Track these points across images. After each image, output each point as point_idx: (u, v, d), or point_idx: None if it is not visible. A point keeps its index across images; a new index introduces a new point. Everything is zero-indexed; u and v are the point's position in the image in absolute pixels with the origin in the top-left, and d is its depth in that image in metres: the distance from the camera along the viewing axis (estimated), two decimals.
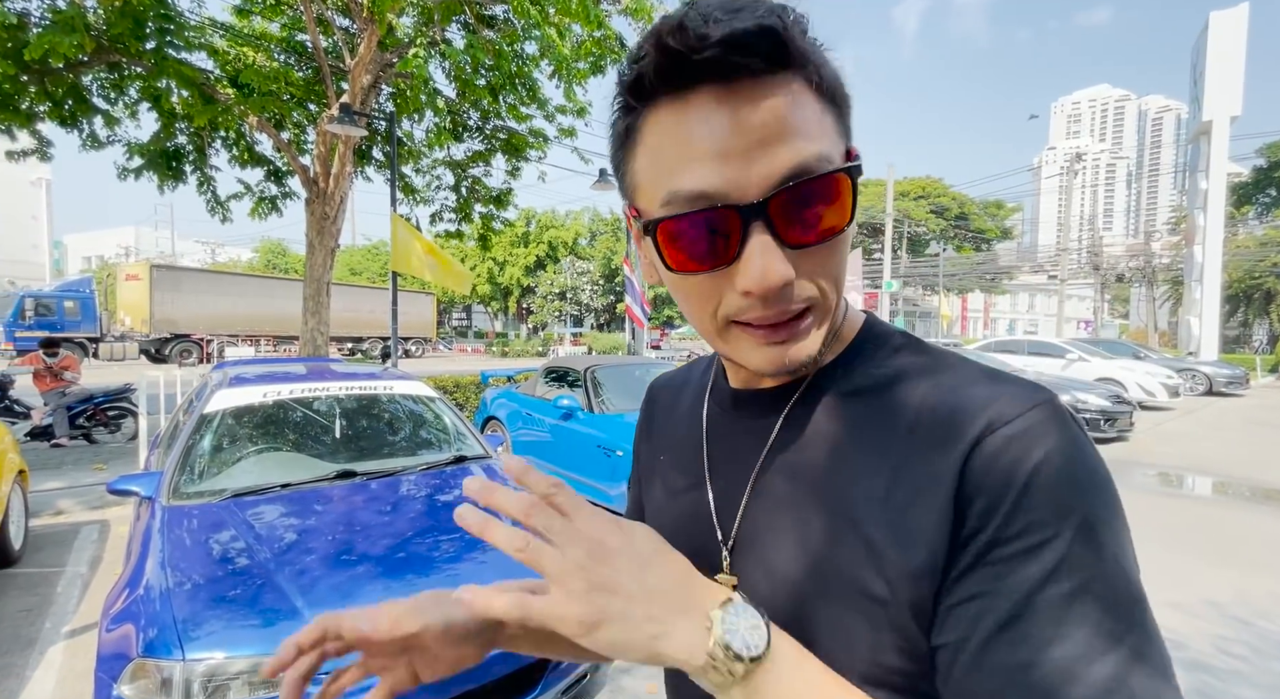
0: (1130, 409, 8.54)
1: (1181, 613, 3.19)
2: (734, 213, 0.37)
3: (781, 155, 0.37)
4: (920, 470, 0.39)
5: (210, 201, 9.99)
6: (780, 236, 0.38)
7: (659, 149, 0.39)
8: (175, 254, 54.45)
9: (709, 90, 0.36)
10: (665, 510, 0.55)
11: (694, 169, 0.37)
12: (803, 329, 0.41)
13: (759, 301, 0.39)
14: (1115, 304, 63.42)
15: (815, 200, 0.38)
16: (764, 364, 0.42)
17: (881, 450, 0.41)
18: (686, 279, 0.41)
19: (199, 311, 21.10)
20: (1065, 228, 30.77)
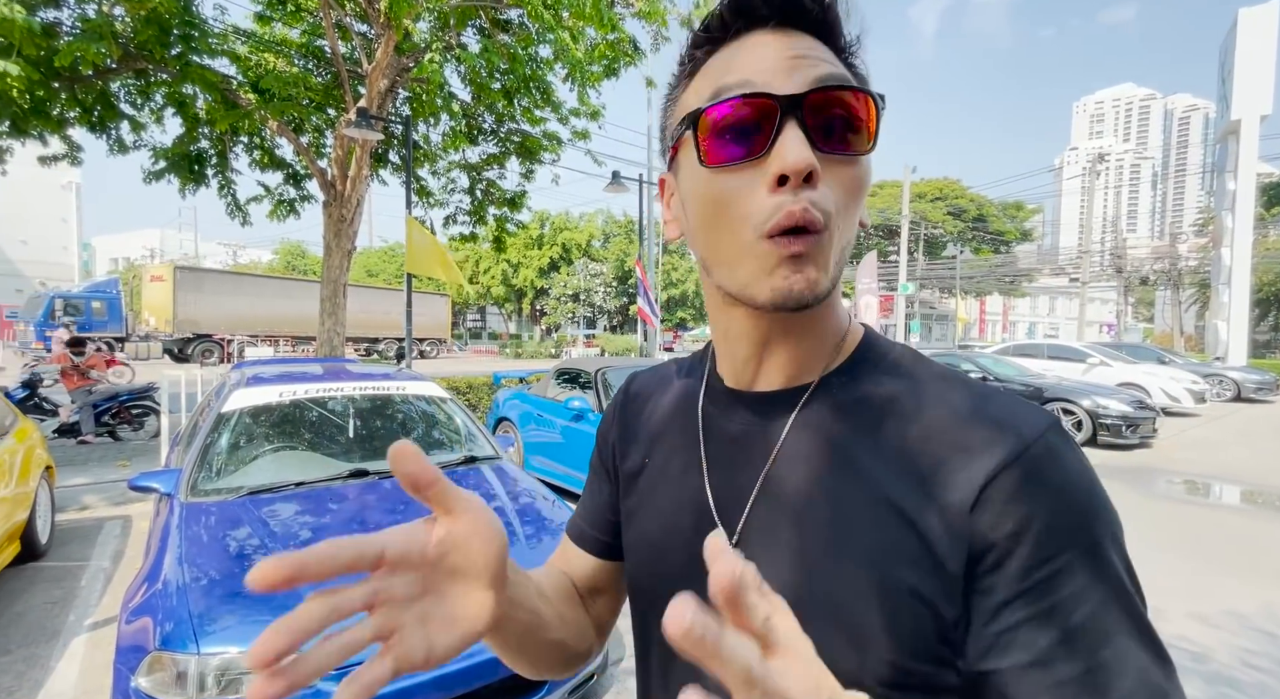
0: (1154, 415, 8.35)
1: (1204, 625, 3.11)
2: (772, 101, 0.40)
3: (820, 68, 0.41)
4: (943, 483, 0.40)
5: (230, 204, 10.20)
6: (811, 136, 0.40)
7: (713, 69, 0.44)
8: (198, 256, 55.65)
9: (766, 30, 0.43)
10: (660, 506, 0.54)
11: (742, 72, 0.42)
12: (816, 249, 0.41)
13: (790, 193, 0.39)
14: (1140, 307, 62.12)
15: (843, 110, 0.41)
16: (776, 288, 0.41)
17: (900, 459, 0.42)
18: (719, 180, 0.42)
19: (220, 312, 21.52)
20: (1087, 229, 30.18)
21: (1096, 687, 0.35)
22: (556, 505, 2.71)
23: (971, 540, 0.38)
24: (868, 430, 0.44)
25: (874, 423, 0.45)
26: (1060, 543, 0.37)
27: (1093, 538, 0.38)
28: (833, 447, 0.45)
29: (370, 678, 0.31)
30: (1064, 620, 0.36)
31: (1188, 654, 2.81)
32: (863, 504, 0.42)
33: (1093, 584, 0.37)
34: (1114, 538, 0.39)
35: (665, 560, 0.52)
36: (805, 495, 0.45)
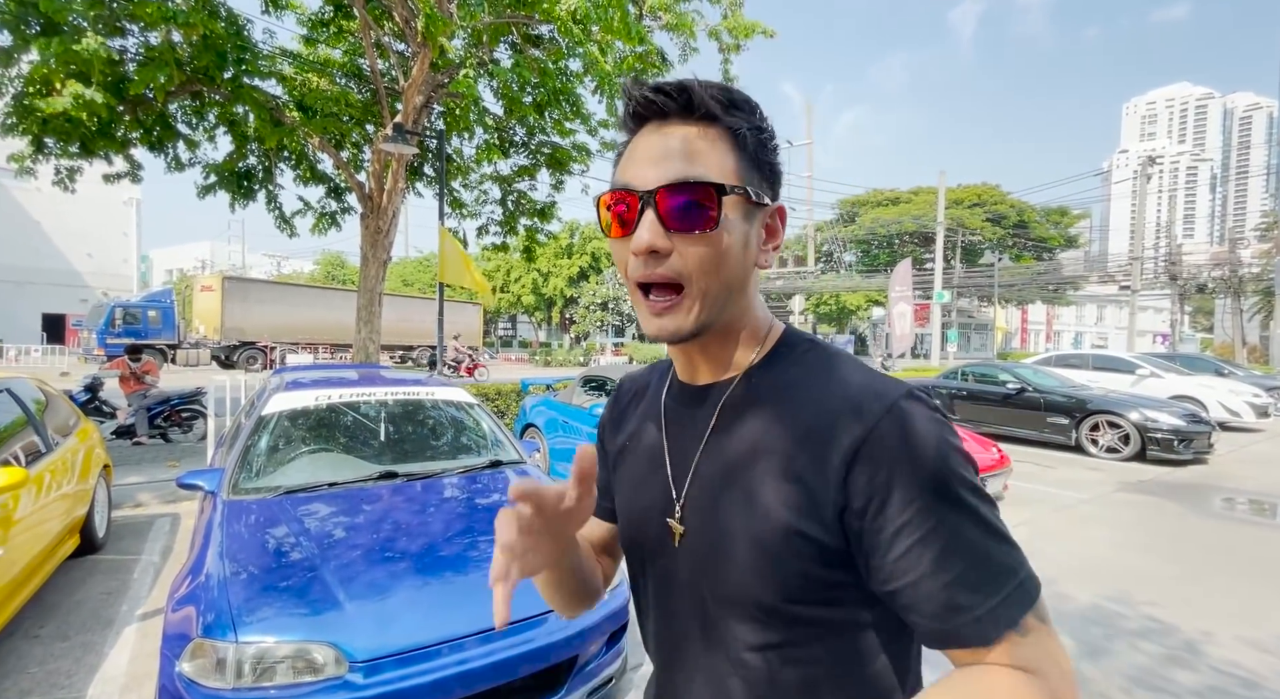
0: (1209, 429, 7.93)
1: (1257, 650, 2.94)
2: (634, 195, 0.55)
3: (675, 168, 0.54)
4: (820, 445, 0.54)
5: (277, 218, 10.68)
6: (662, 220, 0.54)
7: (623, 157, 0.60)
8: (245, 266, 58.13)
9: (651, 126, 0.58)
10: (637, 484, 0.69)
11: (629, 169, 0.57)
12: (676, 305, 0.57)
13: (641, 261, 0.55)
14: (1198, 317, 59.00)
15: (688, 200, 0.54)
16: (649, 329, 0.58)
17: (794, 431, 0.56)
18: (615, 245, 0.59)
19: (264, 320, 22.43)
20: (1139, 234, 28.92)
21: (972, 579, 0.50)
22: None
23: (849, 493, 0.52)
24: (773, 409, 0.59)
25: (777, 403, 0.59)
26: (920, 487, 0.51)
27: (944, 479, 0.51)
28: (747, 424, 0.60)
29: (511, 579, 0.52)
30: (938, 542, 0.50)
31: (1237, 680, 2.67)
32: (767, 467, 0.57)
33: (952, 512, 0.51)
34: (960, 476, 0.52)
35: (643, 525, 0.67)
36: (729, 461, 0.60)
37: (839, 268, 47.59)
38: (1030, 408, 8.86)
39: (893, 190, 45.48)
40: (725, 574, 0.58)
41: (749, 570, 0.56)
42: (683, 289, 0.56)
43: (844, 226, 44.92)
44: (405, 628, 1.78)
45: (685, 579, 0.63)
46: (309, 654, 1.69)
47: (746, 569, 0.56)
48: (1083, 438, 8.26)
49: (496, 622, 0.50)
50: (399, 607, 1.84)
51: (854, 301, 41.96)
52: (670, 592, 0.65)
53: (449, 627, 1.84)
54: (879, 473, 0.51)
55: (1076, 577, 3.84)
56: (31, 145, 7.41)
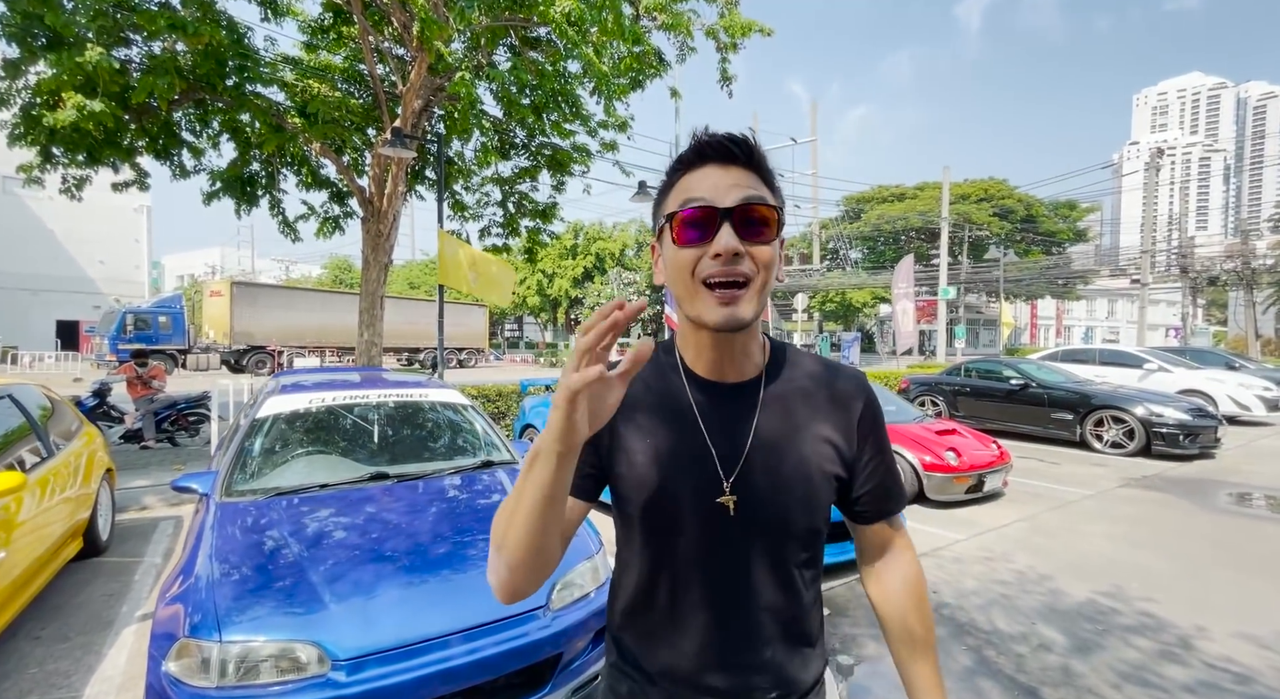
0: (1215, 423, 7.83)
1: (1254, 646, 2.92)
2: (715, 210, 0.70)
3: (745, 191, 0.72)
4: (842, 415, 0.84)
5: (281, 223, 10.78)
6: (736, 231, 0.70)
7: (680, 187, 0.75)
8: (254, 271, 58.68)
9: (712, 164, 0.74)
10: (671, 472, 0.79)
11: (698, 190, 0.72)
12: (741, 297, 0.72)
13: (720, 262, 0.70)
14: (1212, 310, 58.21)
15: (756, 217, 0.71)
16: (716, 317, 0.72)
17: (816, 410, 0.83)
18: (682, 252, 0.72)
19: (272, 325, 22.64)
20: (1148, 227, 28.57)
21: (895, 483, 0.89)
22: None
23: (859, 443, 0.84)
24: (801, 396, 0.83)
25: (803, 392, 0.84)
26: (881, 432, 0.87)
27: (884, 427, 0.88)
28: (786, 410, 0.82)
29: (586, 375, 0.56)
30: (886, 462, 0.87)
31: (1230, 676, 2.65)
32: (808, 436, 0.81)
33: (888, 446, 0.88)
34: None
35: (678, 496, 0.79)
36: (778, 439, 0.80)
37: (845, 265, 47.36)
38: (1034, 403, 8.79)
39: (898, 186, 45.18)
40: (785, 514, 0.79)
41: (803, 508, 0.79)
42: (747, 285, 0.71)
43: (849, 223, 44.71)
44: (389, 626, 1.81)
45: (739, 534, 0.79)
46: (292, 653, 1.73)
47: (802, 507, 0.79)
48: (1087, 433, 8.19)
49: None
50: (384, 605, 1.87)
51: (860, 299, 41.75)
52: (720, 549, 0.80)
53: (433, 625, 1.87)
54: (871, 427, 0.85)
55: (1073, 573, 3.82)
56: (39, 155, 7.53)
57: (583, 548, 2.47)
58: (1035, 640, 2.95)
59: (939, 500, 5.30)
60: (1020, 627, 3.09)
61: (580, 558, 2.40)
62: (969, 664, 2.72)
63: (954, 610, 3.27)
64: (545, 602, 2.13)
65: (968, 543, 4.39)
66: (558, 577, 2.27)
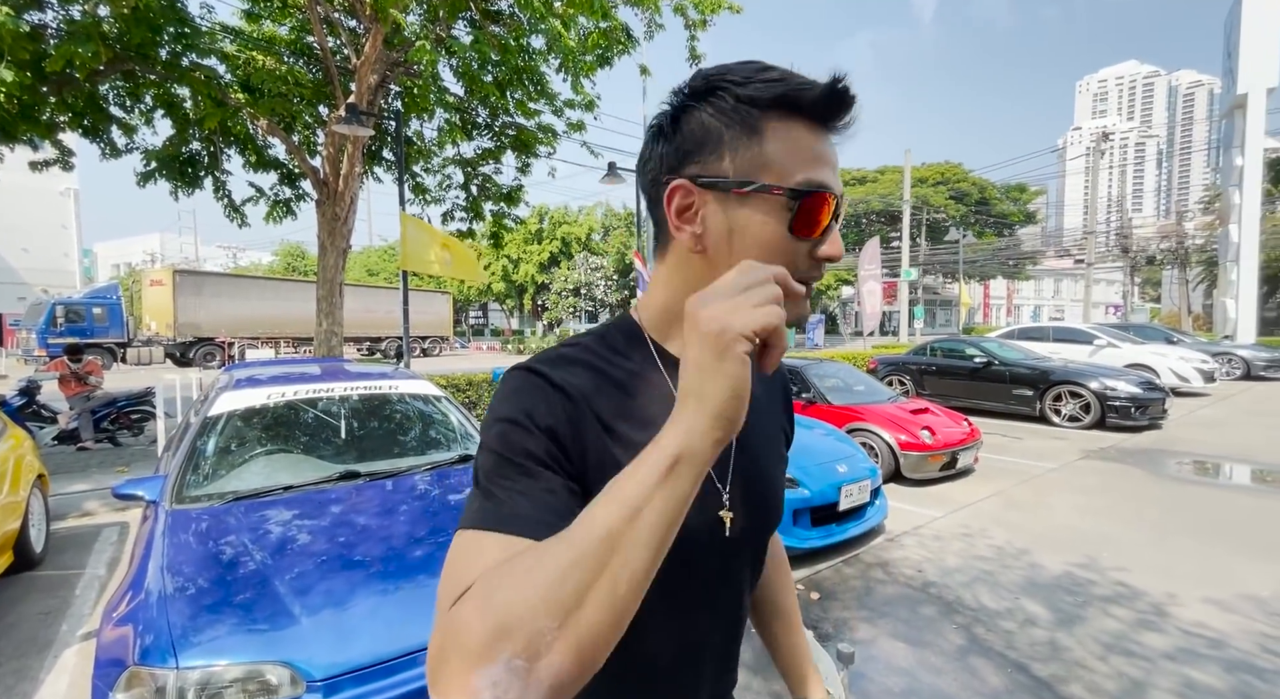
0: (1163, 396, 8.23)
1: (1221, 610, 3.04)
2: (836, 202, 0.58)
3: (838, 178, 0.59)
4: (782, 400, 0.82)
5: (226, 207, 10.13)
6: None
7: (799, 148, 0.57)
8: (198, 259, 55.67)
9: (830, 129, 0.58)
10: None
11: (823, 171, 0.57)
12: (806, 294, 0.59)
13: (824, 266, 0.60)
14: (1147, 288, 61.52)
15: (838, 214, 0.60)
16: (796, 315, 0.55)
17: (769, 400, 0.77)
18: (795, 243, 0.57)
19: (220, 315, 21.52)
20: (1092, 210, 29.81)
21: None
22: None
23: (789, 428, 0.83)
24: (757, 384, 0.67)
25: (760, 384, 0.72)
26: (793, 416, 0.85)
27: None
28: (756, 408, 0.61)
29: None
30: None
31: (1205, 641, 2.74)
32: (768, 434, 0.74)
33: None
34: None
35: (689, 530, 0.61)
36: (751, 441, 0.70)
37: None
38: (996, 381, 9.06)
39: (860, 170, 45.88)
40: (767, 520, 0.71)
41: (777, 511, 0.73)
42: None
43: None
44: (368, 641, 1.65)
45: (734, 552, 0.67)
46: (261, 676, 1.56)
47: (777, 510, 0.73)
48: (1046, 408, 8.50)
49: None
50: (361, 618, 1.71)
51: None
52: (716, 573, 0.66)
53: (416, 636, 1.72)
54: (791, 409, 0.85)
55: (1048, 545, 3.92)
56: None
57: None
58: (1021, 615, 2.99)
59: (915, 479, 5.39)
60: (1005, 602, 3.13)
61: None
62: (961, 643, 2.73)
63: (941, 589, 3.29)
64: None
65: (945, 520, 4.46)
66: None
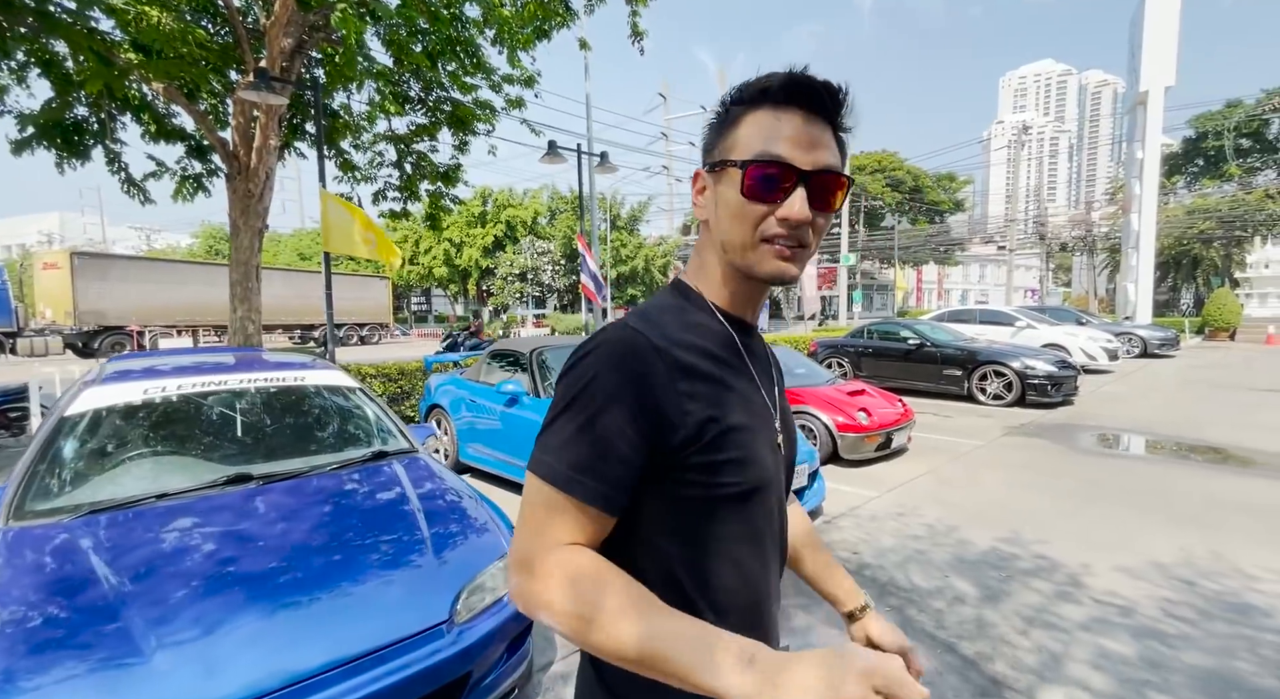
0: (1075, 374, 8.79)
1: (1129, 577, 3.21)
2: (794, 171, 0.66)
3: (825, 156, 0.68)
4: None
5: (124, 182, 9.14)
6: (810, 198, 0.67)
7: (759, 129, 0.68)
8: (106, 241, 50.85)
9: (798, 111, 0.68)
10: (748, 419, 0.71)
11: (780, 143, 0.67)
12: (798, 256, 0.70)
13: (788, 227, 0.68)
14: (1059, 272, 66.17)
15: (830, 187, 0.69)
16: (773, 270, 0.69)
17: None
18: (750, 206, 0.68)
19: (130, 302, 19.74)
20: (1013, 200, 31.61)
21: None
22: (479, 504, 2.47)
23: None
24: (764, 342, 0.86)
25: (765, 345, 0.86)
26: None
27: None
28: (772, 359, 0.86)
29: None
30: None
31: (1116, 610, 2.87)
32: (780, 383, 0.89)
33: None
34: None
35: (766, 464, 0.73)
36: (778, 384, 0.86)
37: None
38: (928, 362, 9.43)
39: None
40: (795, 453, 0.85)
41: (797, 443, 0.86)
42: (804, 247, 0.70)
43: None
44: (242, 672, 1.44)
45: (785, 481, 0.81)
46: None
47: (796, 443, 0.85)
48: (973, 387, 8.92)
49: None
50: (235, 646, 1.49)
51: None
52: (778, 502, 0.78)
53: (304, 660, 1.52)
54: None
55: (976, 521, 4.05)
56: None
57: (493, 543, 2.18)
58: (950, 593, 3.06)
59: (852, 459, 5.49)
60: (936, 581, 3.19)
61: (492, 555, 2.12)
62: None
63: (875, 571, 3.33)
64: (449, 615, 1.83)
65: (881, 500, 4.55)
66: (466, 580, 1.97)
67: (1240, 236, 35.45)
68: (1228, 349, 17.99)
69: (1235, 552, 3.49)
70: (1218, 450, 5.94)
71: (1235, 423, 7.10)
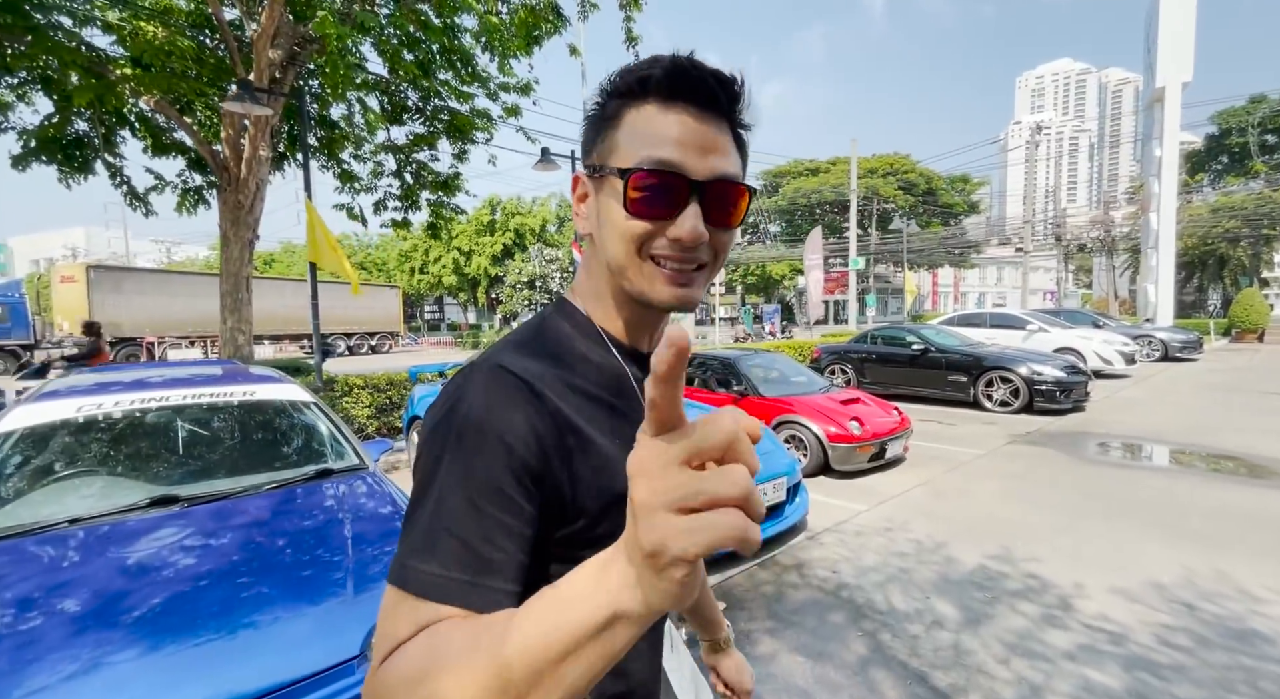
0: (1085, 379, 8.48)
1: (1124, 599, 3.00)
2: (685, 181, 0.56)
3: (722, 163, 0.57)
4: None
5: (127, 195, 9.29)
6: (705, 212, 0.57)
7: (644, 129, 0.57)
8: (129, 254, 52.10)
9: (688, 107, 0.56)
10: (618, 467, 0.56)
11: (668, 148, 0.55)
12: (696, 280, 0.60)
13: (680, 248, 0.57)
14: (1080, 274, 64.85)
15: (730, 198, 0.58)
16: (670, 299, 0.59)
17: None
18: (632, 222, 0.57)
19: (145, 314, 20.14)
20: (1029, 201, 31.00)
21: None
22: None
23: None
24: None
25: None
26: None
27: None
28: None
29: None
30: None
31: (1106, 635, 2.67)
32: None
33: None
34: None
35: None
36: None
37: (765, 238, 48.46)
38: (933, 367, 9.18)
39: (813, 161, 46.51)
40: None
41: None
42: (703, 268, 0.61)
43: (768, 197, 45.64)
44: None
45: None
46: None
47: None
48: (979, 393, 8.65)
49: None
50: (98, 690, 1.39)
51: (779, 271, 42.93)
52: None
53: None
54: None
55: (967, 537, 3.85)
56: None
57: None
58: (929, 617, 2.88)
59: (844, 470, 5.30)
60: (916, 603, 3.01)
61: None
62: (864, 652, 2.58)
63: (853, 591, 3.16)
64: (361, 649, 1.71)
65: (870, 514, 4.37)
66: None
67: (1269, 235, 34.40)
68: (1255, 351, 17.37)
69: (1242, 571, 3.26)
70: (1233, 459, 5.65)
71: (1254, 429, 6.77)
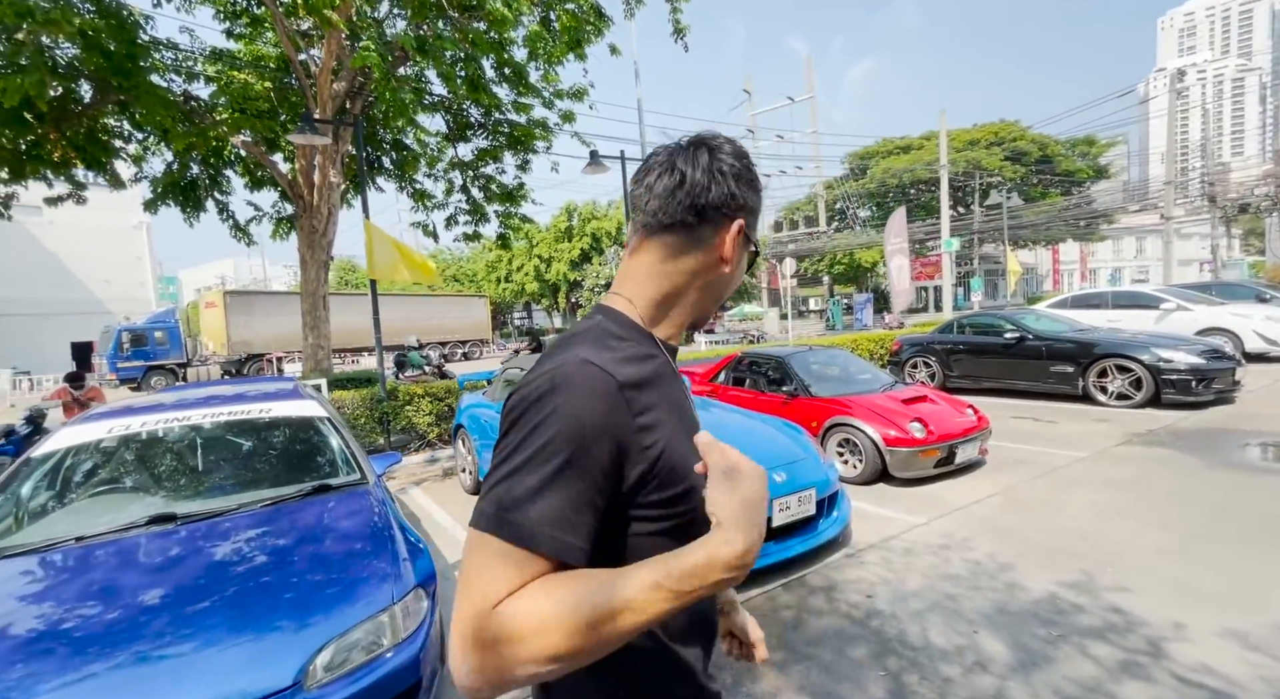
0: (1233, 365, 7.08)
1: (1238, 645, 2.38)
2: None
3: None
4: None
5: (232, 227, 10.45)
6: None
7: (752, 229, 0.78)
8: (266, 279, 59.21)
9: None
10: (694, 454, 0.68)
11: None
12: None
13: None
14: (1251, 238, 55.26)
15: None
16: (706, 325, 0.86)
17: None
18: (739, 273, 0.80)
19: (270, 332, 22.68)
20: (1170, 158, 26.75)
21: None
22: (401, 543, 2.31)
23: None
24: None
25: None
26: None
27: None
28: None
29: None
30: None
31: (1205, 693, 2.12)
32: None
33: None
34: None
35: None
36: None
37: (853, 224, 45.75)
38: (1032, 357, 8.10)
39: (904, 138, 43.26)
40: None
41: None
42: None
43: (855, 181, 43.08)
44: None
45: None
46: None
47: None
48: (1090, 385, 7.50)
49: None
50: None
51: (869, 258, 40.44)
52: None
53: None
54: None
55: (1039, 559, 3.29)
56: None
57: (382, 594, 2.01)
58: (971, 656, 2.45)
59: (906, 478, 4.77)
60: (959, 638, 2.59)
61: (374, 608, 1.95)
62: (880, 697, 2.23)
63: (884, 621, 2.77)
64: (295, 679, 1.69)
65: (926, 528, 3.87)
66: (328, 637, 1.82)
67: None
68: None
69: None
70: None
71: None
